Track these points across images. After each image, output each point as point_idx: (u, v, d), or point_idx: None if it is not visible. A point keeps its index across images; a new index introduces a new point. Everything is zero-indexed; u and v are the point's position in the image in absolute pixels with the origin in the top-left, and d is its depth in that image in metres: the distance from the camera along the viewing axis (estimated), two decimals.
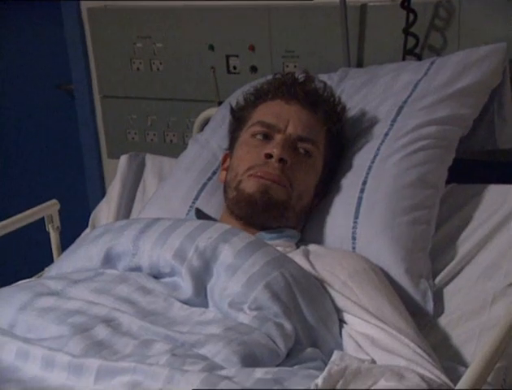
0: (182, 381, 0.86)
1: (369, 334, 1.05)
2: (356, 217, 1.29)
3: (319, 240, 1.32)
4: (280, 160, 1.28)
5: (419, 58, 1.56)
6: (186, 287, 1.08)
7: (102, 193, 1.70)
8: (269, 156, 1.28)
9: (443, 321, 1.22)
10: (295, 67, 1.71)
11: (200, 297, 1.08)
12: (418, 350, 1.02)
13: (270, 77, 1.45)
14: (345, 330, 1.08)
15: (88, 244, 1.20)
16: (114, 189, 1.62)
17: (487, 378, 0.88)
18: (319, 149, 1.34)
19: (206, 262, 1.09)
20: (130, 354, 0.94)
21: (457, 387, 0.81)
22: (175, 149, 1.74)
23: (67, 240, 1.38)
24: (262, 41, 1.75)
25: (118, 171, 1.64)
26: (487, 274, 1.24)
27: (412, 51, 1.56)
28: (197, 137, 1.60)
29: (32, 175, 2.54)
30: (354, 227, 1.29)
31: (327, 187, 1.36)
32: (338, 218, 1.32)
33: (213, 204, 1.42)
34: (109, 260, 1.16)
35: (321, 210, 1.35)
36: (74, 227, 1.56)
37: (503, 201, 1.31)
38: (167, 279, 1.12)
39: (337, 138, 1.39)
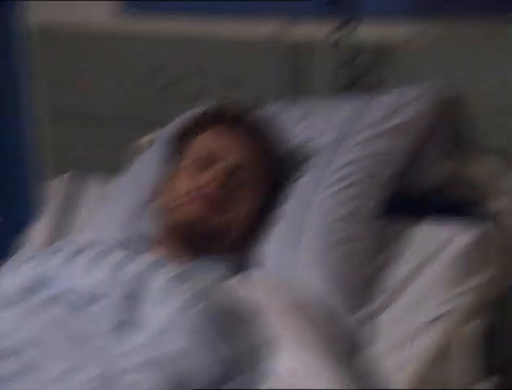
0: None
1: (291, 368, 1.06)
2: (292, 248, 1.32)
3: (255, 268, 1.33)
4: (218, 187, 1.30)
5: (356, 94, 1.58)
6: (117, 312, 1.08)
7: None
8: (207, 184, 1.30)
9: (371, 353, 1.24)
10: (235, 97, 1.72)
11: (131, 323, 1.08)
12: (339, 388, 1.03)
13: (209, 106, 1.47)
14: (272, 362, 1.09)
15: (15, 268, 1.20)
16: (51, 209, 1.61)
17: None
18: (257, 178, 1.37)
19: (135, 290, 1.10)
20: (56, 380, 0.94)
21: None
22: (117, 172, 1.73)
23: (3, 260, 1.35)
24: (203, 69, 1.77)
25: (57, 190, 1.63)
26: (411, 309, 1.26)
27: (349, 88, 1.58)
28: (137, 161, 1.61)
29: None
30: (289, 258, 1.31)
31: (265, 216, 1.38)
32: (274, 248, 1.34)
33: (151, 228, 1.42)
34: (37, 285, 1.15)
35: (258, 238, 1.37)
36: (11, 246, 1.54)
37: (432, 237, 1.34)
38: (96, 305, 1.12)
39: (275, 168, 1.41)
